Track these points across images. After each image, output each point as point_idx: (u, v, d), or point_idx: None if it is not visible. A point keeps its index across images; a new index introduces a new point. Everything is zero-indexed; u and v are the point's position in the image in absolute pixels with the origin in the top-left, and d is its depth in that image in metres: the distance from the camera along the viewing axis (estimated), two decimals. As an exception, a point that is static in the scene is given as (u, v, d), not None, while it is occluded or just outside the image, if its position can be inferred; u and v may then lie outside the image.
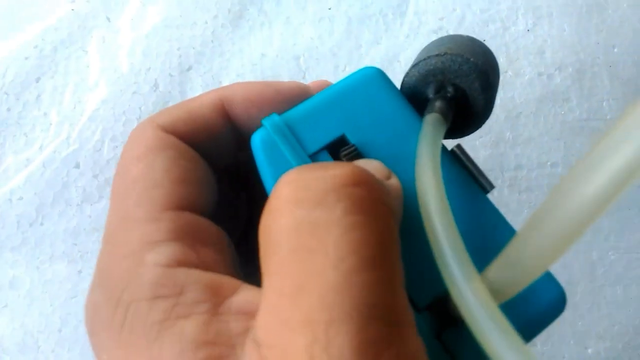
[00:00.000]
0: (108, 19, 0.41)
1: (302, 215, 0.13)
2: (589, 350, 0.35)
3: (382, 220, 0.14)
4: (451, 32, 0.44)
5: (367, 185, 0.14)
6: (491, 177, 0.40)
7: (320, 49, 0.42)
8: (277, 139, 0.19)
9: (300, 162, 0.19)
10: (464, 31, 0.44)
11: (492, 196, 0.39)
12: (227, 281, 0.15)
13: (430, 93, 0.21)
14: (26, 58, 0.38)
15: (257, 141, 0.19)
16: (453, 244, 0.15)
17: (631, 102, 0.13)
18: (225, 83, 0.40)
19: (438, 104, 0.19)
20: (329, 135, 0.19)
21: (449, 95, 0.20)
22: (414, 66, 0.20)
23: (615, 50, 0.44)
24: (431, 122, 0.18)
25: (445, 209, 0.16)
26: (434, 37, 0.44)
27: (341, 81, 0.20)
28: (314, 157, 0.19)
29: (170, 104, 0.39)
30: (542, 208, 0.14)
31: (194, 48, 0.41)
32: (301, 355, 0.12)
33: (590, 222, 0.12)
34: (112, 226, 0.17)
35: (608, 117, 0.42)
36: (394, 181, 0.17)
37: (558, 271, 0.37)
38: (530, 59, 0.44)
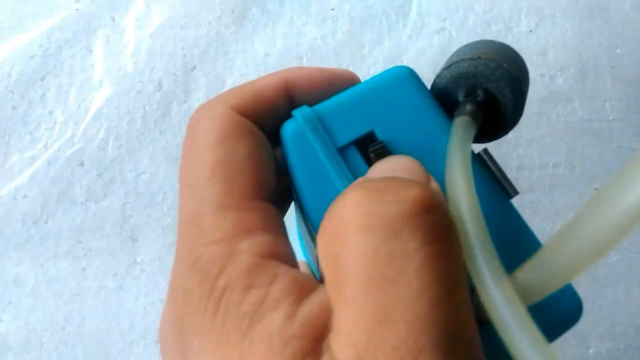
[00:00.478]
0: (113, 18, 0.42)
1: (377, 244, 0.14)
2: (591, 351, 0.35)
3: (454, 244, 0.14)
4: (454, 34, 0.45)
5: (438, 209, 0.14)
6: (493, 177, 0.41)
7: (323, 49, 0.43)
8: (307, 131, 0.19)
9: (329, 155, 0.19)
10: (466, 32, 0.45)
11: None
12: (308, 279, 0.16)
13: (461, 96, 0.21)
14: (31, 57, 0.39)
15: (287, 132, 0.19)
16: (483, 244, 0.15)
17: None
18: (229, 83, 0.41)
19: (469, 107, 0.19)
20: (358, 131, 0.19)
21: (479, 99, 0.20)
22: (446, 68, 0.21)
23: (618, 51, 0.45)
24: (462, 124, 0.19)
25: (477, 211, 0.16)
26: (436, 38, 0.45)
27: (372, 78, 0.21)
28: (342, 151, 0.19)
29: (174, 104, 0.40)
30: (580, 214, 0.14)
31: (198, 48, 0.42)
32: None
33: (628, 231, 0.13)
34: (196, 212, 0.17)
35: (610, 117, 0.42)
36: (434, 185, 0.17)
37: (560, 271, 0.38)
38: (532, 59, 0.44)
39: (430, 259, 0.13)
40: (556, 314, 0.18)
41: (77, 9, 0.41)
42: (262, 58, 0.42)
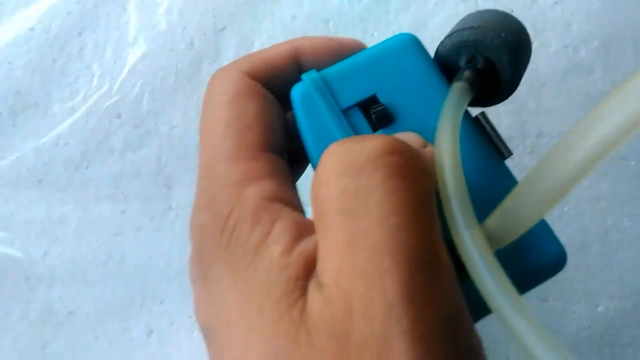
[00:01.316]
0: (146, -23, 0.45)
1: (346, 182, 0.16)
2: (599, 308, 0.39)
3: (417, 183, 0.17)
4: (480, 2, 0.48)
5: (402, 154, 0.17)
6: (513, 143, 0.44)
7: (349, 14, 0.46)
8: (314, 93, 0.22)
9: (334, 115, 0.21)
10: (493, 2, 0.48)
11: (513, 161, 0.43)
12: (309, 222, 0.18)
13: (462, 63, 0.23)
14: (69, 13, 0.43)
15: (296, 94, 0.22)
16: (458, 194, 0.18)
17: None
18: (258, 44, 0.44)
19: (467, 73, 0.21)
20: (361, 94, 0.22)
21: (478, 66, 0.22)
22: (448, 36, 0.23)
23: (642, 25, 0.47)
24: (457, 89, 0.21)
25: (457, 165, 0.18)
26: (462, 6, 0.48)
27: (377, 45, 0.23)
28: (346, 112, 0.22)
29: (205, 62, 0.43)
30: (537, 166, 0.17)
31: (227, 9, 0.45)
32: (362, 297, 0.15)
33: (577, 181, 0.16)
34: (211, 161, 0.20)
35: (631, 90, 0.45)
36: (429, 149, 0.20)
37: (573, 234, 0.41)
38: (557, 31, 0.47)
39: (389, 192, 0.16)
40: (538, 260, 0.20)
41: (112, -33, 0.45)
42: (289, 21, 0.46)
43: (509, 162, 0.43)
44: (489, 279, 0.16)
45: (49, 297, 0.35)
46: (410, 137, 0.20)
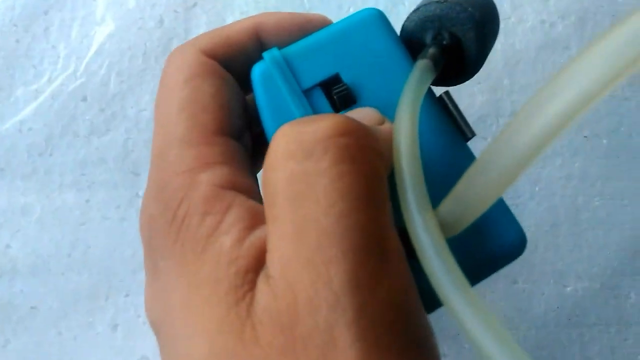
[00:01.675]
0: (113, -48, 0.38)
1: (294, 166, 0.14)
2: (568, 289, 0.34)
3: (367, 165, 0.14)
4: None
5: (352, 134, 0.14)
6: (487, 122, 0.39)
7: (325, -12, 0.40)
8: (274, 72, 0.18)
9: (294, 96, 0.18)
10: (469, -25, 0.41)
11: (486, 141, 0.38)
12: (263, 210, 0.16)
13: (428, 39, 0.20)
14: (33, -10, 0.36)
15: (256, 73, 0.19)
16: (412, 178, 0.15)
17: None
18: (229, 20, 0.38)
19: (431, 50, 0.18)
20: (323, 73, 0.19)
21: (444, 42, 0.19)
22: (414, 11, 0.19)
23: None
24: (420, 67, 0.18)
25: (413, 146, 0.16)
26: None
27: (342, 20, 0.19)
28: (307, 93, 0.19)
29: (175, 41, 0.37)
30: (486, 151, 0.14)
31: (199, -16, 0.38)
32: (307, 289, 0.13)
33: (528, 163, 0.13)
34: (164, 145, 0.17)
35: (606, 66, 0.39)
36: (386, 126, 0.17)
37: (543, 214, 0.36)
38: (534, 5, 0.41)
39: (338, 177, 0.14)
40: (497, 245, 0.18)
41: (78, -59, 0.38)
42: (263, -4, 0.39)
43: (482, 142, 0.38)
44: (439, 267, 0.14)
45: (11, 291, 0.30)
46: (367, 113, 0.18)
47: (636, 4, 0.40)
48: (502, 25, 0.41)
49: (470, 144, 0.20)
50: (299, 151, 0.14)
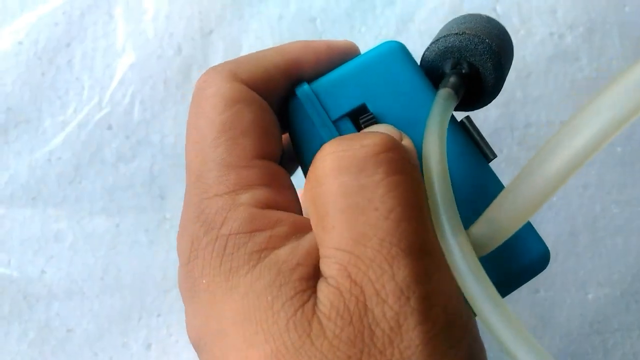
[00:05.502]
0: (131, -17, 0.42)
1: (348, 180, 0.16)
2: (590, 296, 0.37)
3: (413, 175, 0.17)
4: (465, -8, 0.44)
5: (397, 150, 0.17)
6: (501, 135, 0.41)
7: (335, 11, 0.43)
8: (306, 107, 0.21)
9: (325, 127, 0.21)
10: (477, -10, 0.44)
11: (502, 154, 0.41)
12: (307, 221, 0.18)
13: (447, 68, 0.22)
14: (56, 24, 0.40)
15: (290, 109, 0.21)
16: (446, 202, 0.17)
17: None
18: (246, 46, 0.41)
19: (452, 79, 0.21)
20: (351, 104, 0.21)
21: (463, 71, 0.21)
22: (434, 42, 0.22)
23: (627, 9, 0.44)
24: (443, 96, 0.20)
25: (444, 172, 0.18)
26: (447, -2, 0.45)
27: (365, 53, 0.22)
28: (336, 123, 0.21)
29: (194, 67, 0.40)
30: (517, 177, 0.17)
31: (214, 11, 0.42)
32: (374, 284, 0.15)
33: (554, 191, 0.16)
34: (202, 169, 0.18)
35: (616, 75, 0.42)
36: (407, 141, 0.20)
37: (562, 223, 0.39)
38: (542, 18, 0.44)
39: (392, 187, 0.16)
40: (523, 260, 0.20)
41: (96, -25, 0.41)
42: (276, 20, 0.42)
43: (500, 154, 0.41)
44: (475, 287, 0.16)
45: (48, 315, 0.33)
46: (387, 129, 0.20)
47: (639, 14, 0.43)
48: (512, 38, 0.44)
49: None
50: (352, 166, 0.16)
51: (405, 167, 0.17)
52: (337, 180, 0.16)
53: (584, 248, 0.38)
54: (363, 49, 0.44)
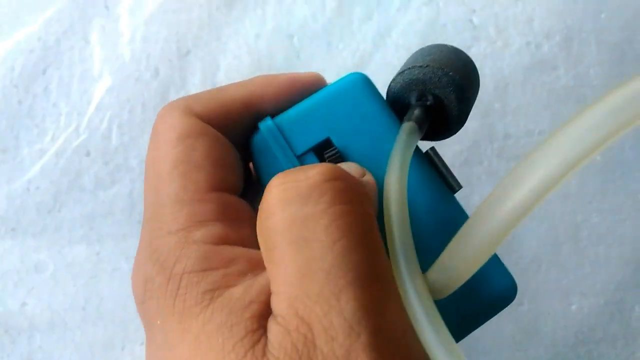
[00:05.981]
0: (107, 7, 0.42)
1: (293, 211, 0.16)
2: (573, 307, 0.37)
3: (360, 205, 0.17)
4: (441, 5, 0.45)
5: (342, 179, 0.17)
6: (480, 147, 0.42)
7: (313, 27, 0.43)
8: (270, 143, 0.21)
9: (289, 162, 0.21)
10: (454, 2, 0.45)
11: (482, 166, 0.41)
12: (261, 257, 0.17)
13: (412, 99, 0.22)
14: (31, 51, 0.40)
15: (254, 144, 0.22)
16: (404, 245, 0.17)
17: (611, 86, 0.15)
18: (223, 66, 0.42)
19: (416, 112, 0.21)
20: (315, 138, 0.21)
21: (428, 103, 0.22)
22: (399, 74, 0.22)
23: (603, 15, 0.45)
24: (406, 131, 0.20)
25: (403, 214, 0.18)
26: (424, 10, 0.45)
27: (329, 86, 0.22)
28: (301, 158, 0.21)
29: (172, 90, 0.41)
30: (468, 221, 0.17)
31: (191, 32, 0.42)
32: (321, 320, 0.15)
33: (505, 235, 0.16)
34: (156, 205, 0.18)
35: (594, 83, 0.43)
36: (368, 178, 0.20)
37: (543, 234, 0.39)
38: (519, 28, 0.44)
39: (336, 216, 0.16)
40: (490, 294, 0.20)
41: None
42: (253, 39, 0.43)
43: (479, 166, 0.41)
44: (431, 334, 0.16)
45: (30, 348, 0.33)
46: (349, 167, 0.20)
47: (616, 18, 0.44)
48: (488, 50, 0.45)
49: (468, 170, 0.22)
50: (296, 197, 0.16)
51: (351, 196, 0.16)
52: (284, 212, 0.16)
53: (566, 258, 0.38)
54: (341, 66, 0.44)
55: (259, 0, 0.43)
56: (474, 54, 0.44)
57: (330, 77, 0.43)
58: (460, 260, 0.17)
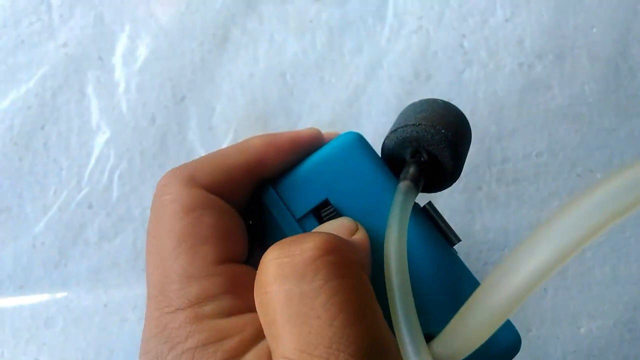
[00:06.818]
0: (100, 58, 0.44)
1: (290, 288, 0.17)
2: (582, 330, 0.38)
3: (355, 277, 0.17)
4: (431, 31, 0.46)
5: (337, 252, 0.17)
6: (479, 172, 0.43)
7: (305, 63, 0.45)
8: (272, 211, 0.22)
9: (289, 227, 0.22)
10: (444, 29, 0.46)
11: (482, 191, 0.42)
12: None
13: (407, 155, 0.23)
14: (29, 107, 0.42)
15: (256, 210, 0.23)
16: (407, 316, 0.18)
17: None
18: (219, 108, 0.43)
19: (411, 170, 0.22)
20: (313, 201, 0.23)
21: (422, 159, 0.23)
22: (393, 131, 0.23)
23: (594, 30, 0.46)
24: (402, 191, 0.21)
25: (405, 282, 0.19)
26: (415, 38, 0.47)
27: (325, 147, 0.23)
28: (301, 221, 0.22)
29: (169, 136, 0.42)
30: (473, 296, 0.17)
31: (185, 77, 0.44)
32: None
33: (511, 311, 0.16)
34: (163, 282, 0.19)
35: (590, 100, 0.44)
36: (359, 235, 0.20)
37: (549, 257, 0.40)
38: (510, 49, 0.46)
39: (333, 292, 0.16)
40: (496, 351, 0.21)
41: (65, 53, 0.43)
42: (247, 79, 0.45)
43: (479, 192, 0.42)
44: None
45: (44, 406, 0.35)
46: (342, 224, 0.21)
47: (609, 32, 0.45)
48: (481, 73, 0.46)
49: (467, 195, 0.23)
50: (292, 273, 0.17)
51: (346, 270, 0.17)
52: (281, 288, 0.17)
53: (572, 281, 0.39)
54: (335, 99, 0.46)
55: (250, 40, 0.45)
56: (466, 78, 0.45)
57: (325, 111, 0.45)
58: (463, 336, 0.17)
